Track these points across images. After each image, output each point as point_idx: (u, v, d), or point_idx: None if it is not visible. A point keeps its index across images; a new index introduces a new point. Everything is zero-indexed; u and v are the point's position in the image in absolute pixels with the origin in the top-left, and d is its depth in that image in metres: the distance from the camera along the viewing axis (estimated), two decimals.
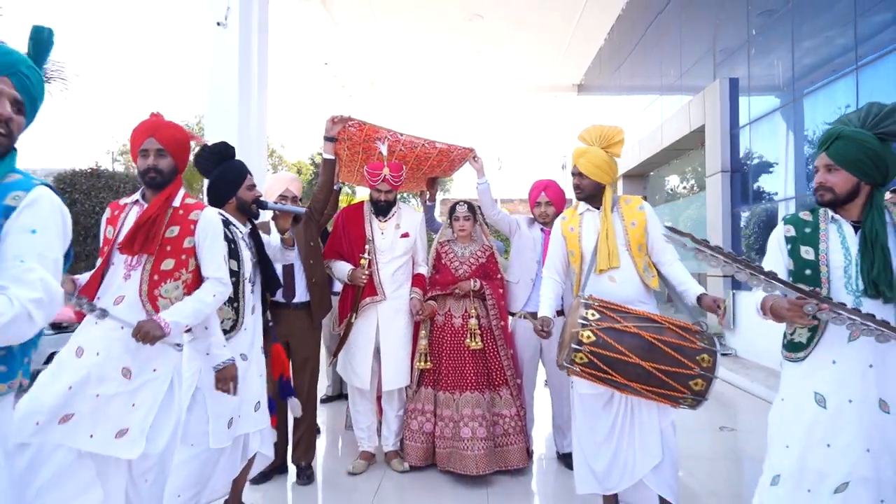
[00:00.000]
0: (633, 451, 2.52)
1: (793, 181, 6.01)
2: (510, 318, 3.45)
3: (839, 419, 1.68)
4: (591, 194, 2.60)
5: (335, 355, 3.44)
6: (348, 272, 3.22)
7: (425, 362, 3.24)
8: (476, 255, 3.40)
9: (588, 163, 2.54)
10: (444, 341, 3.27)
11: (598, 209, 2.61)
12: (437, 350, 3.27)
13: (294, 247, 2.79)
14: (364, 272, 3.19)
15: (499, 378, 3.24)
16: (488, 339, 3.26)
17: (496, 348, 3.26)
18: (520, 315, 3.41)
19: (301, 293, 3.16)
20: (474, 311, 3.26)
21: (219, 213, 2.49)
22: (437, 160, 3.52)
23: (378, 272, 3.25)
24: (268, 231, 2.85)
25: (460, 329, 3.25)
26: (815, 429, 1.70)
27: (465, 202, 3.44)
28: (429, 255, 3.54)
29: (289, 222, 2.73)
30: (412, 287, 3.35)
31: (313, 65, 12.74)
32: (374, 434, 3.41)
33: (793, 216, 1.89)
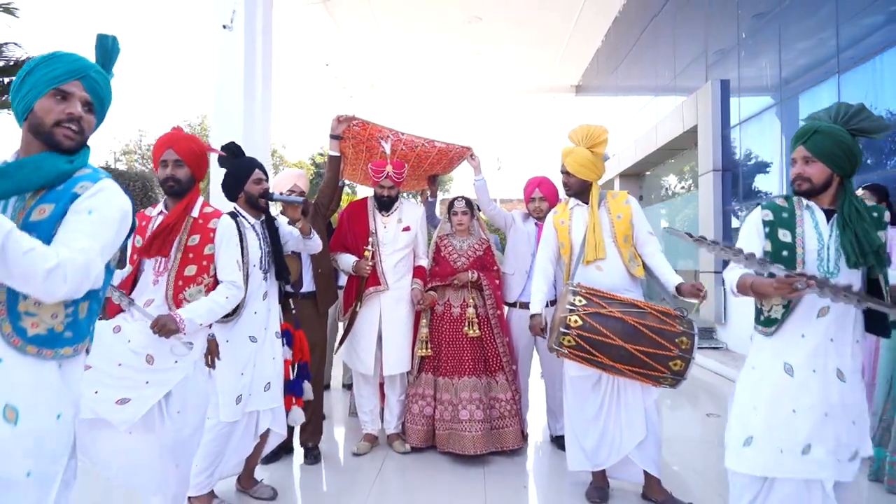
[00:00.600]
0: (620, 428, 2.72)
1: (782, 179, 6.19)
2: (506, 307, 3.64)
3: (804, 387, 1.86)
4: (579, 191, 2.80)
5: (340, 343, 3.63)
6: (353, 263, 3.40)
7: (426, 349, 3.42)
8: (474, 247, 3.58)
9: (574, 162, 2.74)
10: (444, 329, 3.44)
11: (586, 204, 2.81)
12: (436, 338, 3.45)
13: (311, 235, 2.94)
14: (368, 263, 3.37)
15: (495, 364, 3.42)
16: (485, 328, 3.44)
17: (493, 336, 3.44)
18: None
19: (307, 283, 3.34)
20: (472, 301, 3.44)
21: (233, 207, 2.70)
22: (437, 158, 3.71)
23: (381, 263, 3.43)
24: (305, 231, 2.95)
25: (459, 318, 3.44)
26: (782, 395, 1.88)
27: (463, 198, 3.61)
28: (429, 248, 3.72)
29: (298, 213, 2.91)
30: (413, 278, 3.52)
31: (315, 66, 12.89)
32: (377, 417, 3.59)
33: (770, 202, 2.04)
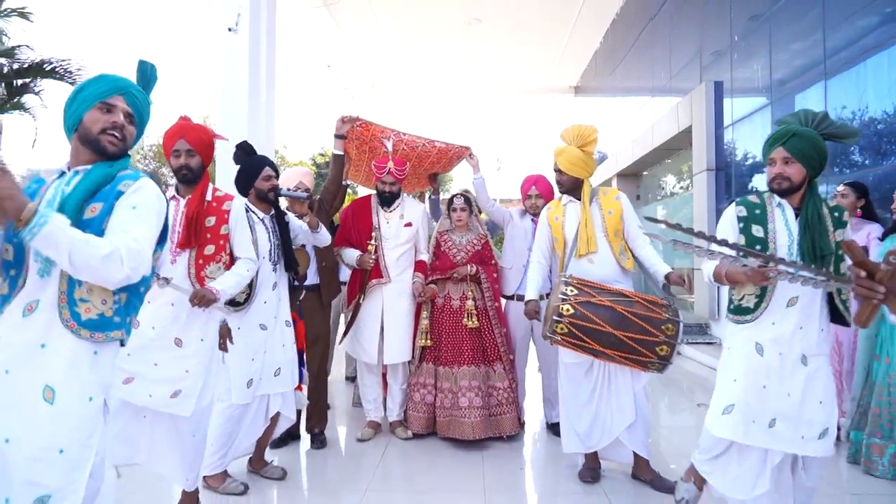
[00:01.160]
0: (611, 412, 2.87)
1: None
2: (503, 300, 3.79)
3: (771, 367, 2.03)
4: (571, 188, 2.96)
5: (344, 335, 3.78)
6: (357, 257, 3.55)
7: (426, 340, 3.57)
8: (472, 242, 3.73)
9: (565, 160, 2.89)
10: (444, 321, 3.59)
11: (579, 200, 2.96)
12: (437, 329, 3.60)
13: (319, 229, 3.10)
14: (371, 257, 3.52)
15: (493, 354, 3.57)
16: (483, 319, 3.59)
17: (491, 327, 3.59)
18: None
19: (311, 276, 3.50)
20: (471, 294, 3.59)
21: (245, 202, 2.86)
22: (437, 157, 3.86)
23: (384, 257, 3.58)
24: (312, 225, 3.11)
25: (458, 310, 3.59)
26: (755, 371, 2.05)
27: (462, 195, 3.76)
28: (429, 243, 3.87)
29: (304, 208, 3.06)
30: (414, 272, 3.67)
31: (316, 68, 13.04)
32: (380, 406, 3.75)
33: (743, 199, 2.17)
